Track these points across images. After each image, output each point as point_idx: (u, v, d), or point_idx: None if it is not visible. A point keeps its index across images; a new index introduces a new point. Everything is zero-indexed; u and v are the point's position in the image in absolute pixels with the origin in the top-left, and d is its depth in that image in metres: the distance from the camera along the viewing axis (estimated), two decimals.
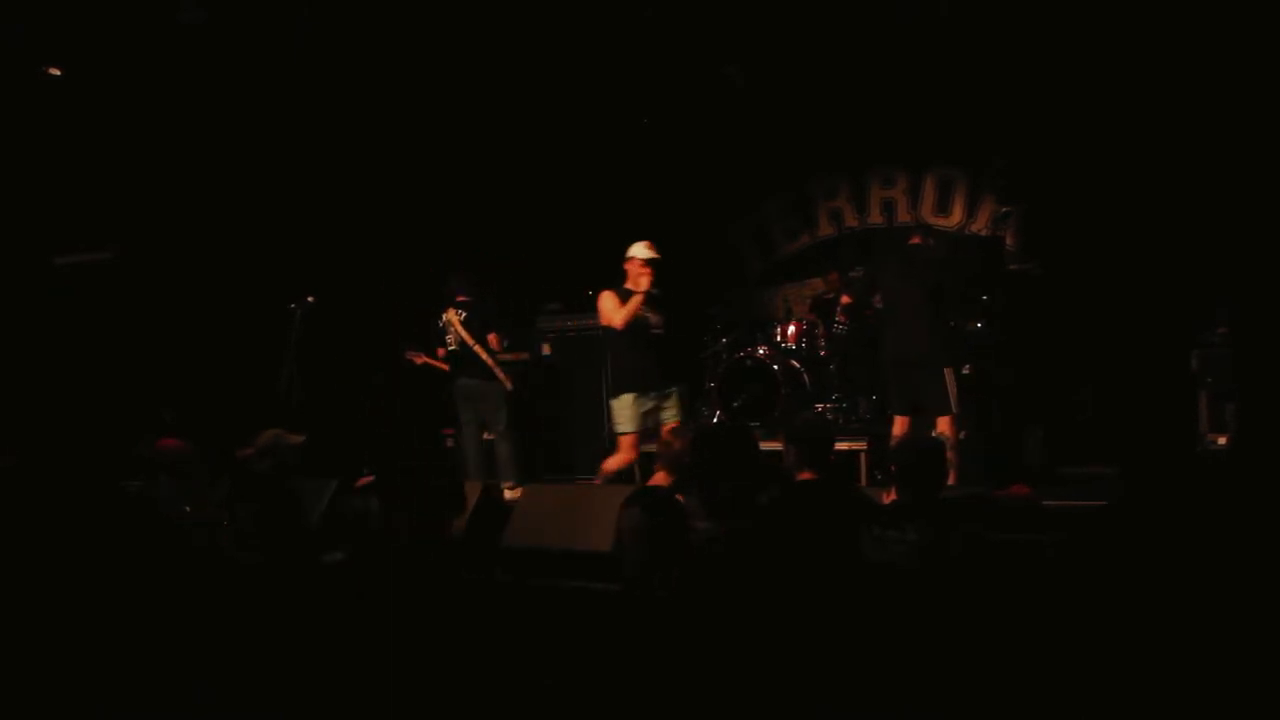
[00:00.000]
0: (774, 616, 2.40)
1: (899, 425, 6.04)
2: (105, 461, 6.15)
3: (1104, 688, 2.38)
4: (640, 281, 5.87)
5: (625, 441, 5.91)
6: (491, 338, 6.79)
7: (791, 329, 7.90)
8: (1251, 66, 5.82)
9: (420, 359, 7.13)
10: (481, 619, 3.13)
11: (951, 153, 8.21)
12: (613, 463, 5.98)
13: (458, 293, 6.85)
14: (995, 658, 2.43)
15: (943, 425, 5.92)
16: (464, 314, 6.79)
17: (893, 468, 3.79)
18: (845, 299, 7.57)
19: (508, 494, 6.20)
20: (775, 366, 7.60)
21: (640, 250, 5.95)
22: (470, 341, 6.72)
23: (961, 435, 6.14)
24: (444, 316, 6.83)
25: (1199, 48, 6.11)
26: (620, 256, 6.01)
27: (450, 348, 6.84)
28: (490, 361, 6.73)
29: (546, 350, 8.11)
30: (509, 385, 6.81)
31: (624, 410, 5.89)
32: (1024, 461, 6.48)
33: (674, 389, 6.04)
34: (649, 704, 2.63)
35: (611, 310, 5.88)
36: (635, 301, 5.84)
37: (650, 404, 5.90)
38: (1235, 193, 6.13)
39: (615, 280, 5.99)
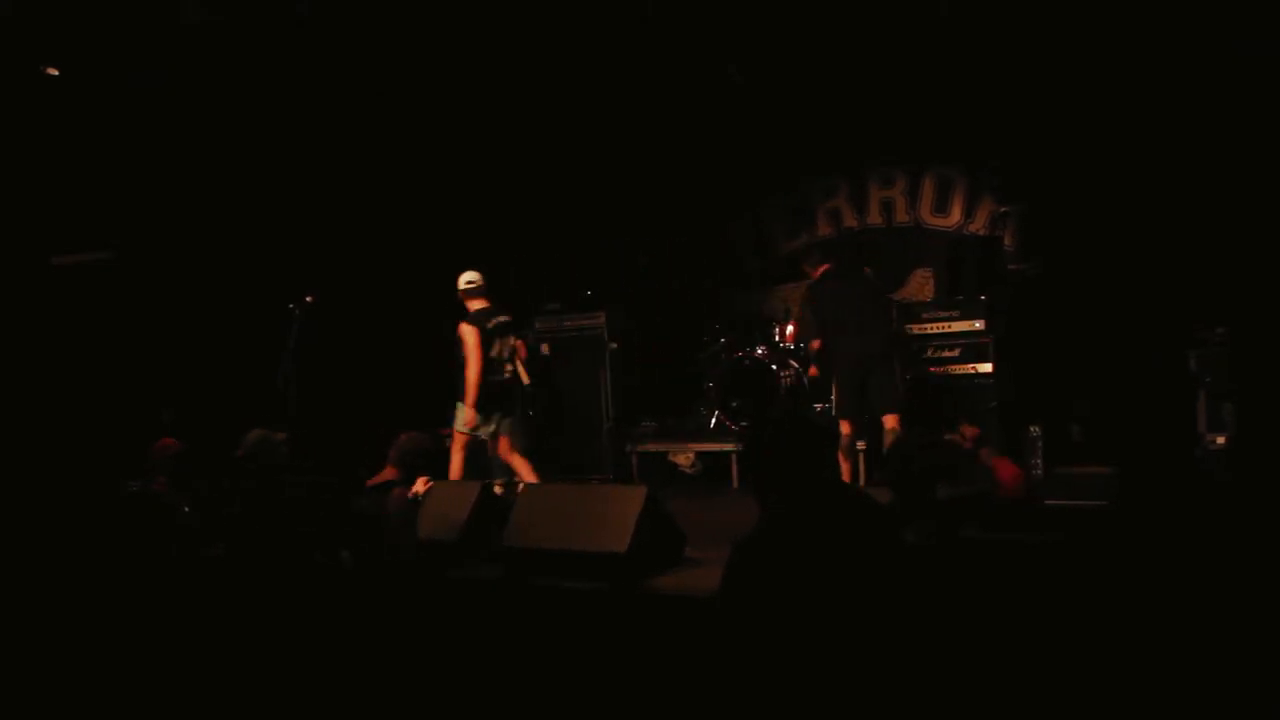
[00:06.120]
0: (774, 617, 2.40)
1: (846, 427, 6.31)
2: (105, 461, 6.16)
3: (1102, 685, 2.38)
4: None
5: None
6: (519, 344, 6.82)
7: (790, 329, 7.92)
8: (1249, 66, 5.83)
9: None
10: (482, 619, 3.13)
11: (950, 152, 8.21)
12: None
13: (494, 315, 6.82)
14: (994, 659, 2.44)
15: (890, 421, 6.20)
16: (495, 320, 6.80)
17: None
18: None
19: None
20: (774, 366, 7.61)
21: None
22: (499, 348, 6.74)
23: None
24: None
25: (1197, 47, 6.12)
26: (618, 256, 5.99)
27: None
28: (517, 364, 6.79)
29: (545, 350, 8.12)
30: (526, 380, 6.88)
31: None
32: (1023, 460, 6.49)
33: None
34: (648, 704, 2.63)
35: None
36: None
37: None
38: (1233, 192, 6.15)
39: (613, 279, 5.94)
